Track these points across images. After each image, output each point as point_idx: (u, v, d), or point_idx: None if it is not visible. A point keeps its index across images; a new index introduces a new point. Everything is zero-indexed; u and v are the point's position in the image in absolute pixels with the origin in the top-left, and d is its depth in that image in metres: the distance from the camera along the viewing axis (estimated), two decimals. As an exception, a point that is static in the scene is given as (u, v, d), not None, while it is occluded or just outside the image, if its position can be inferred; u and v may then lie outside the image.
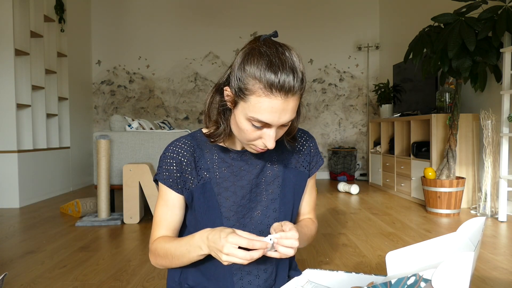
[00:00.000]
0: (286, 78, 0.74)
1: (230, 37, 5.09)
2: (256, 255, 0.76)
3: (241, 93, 0.78)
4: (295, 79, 0.75)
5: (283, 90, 0.75)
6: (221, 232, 0.78)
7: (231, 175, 0.94)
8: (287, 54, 0.77)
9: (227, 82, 0.84)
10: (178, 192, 0.93)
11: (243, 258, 0.75)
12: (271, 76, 0.74)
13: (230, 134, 0.91)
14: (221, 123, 0.88)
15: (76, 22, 4.59)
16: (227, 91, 0.83)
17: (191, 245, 0.85)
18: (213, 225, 0.90)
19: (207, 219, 0.92)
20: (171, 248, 0.90)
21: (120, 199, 3.30)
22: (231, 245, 0.75)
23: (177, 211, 0.96)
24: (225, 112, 0.88)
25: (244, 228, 0.93)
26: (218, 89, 0.88)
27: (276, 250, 0.80)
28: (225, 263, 0.77)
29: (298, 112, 0.89)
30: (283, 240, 0.79)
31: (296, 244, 0.79)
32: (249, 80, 0.76)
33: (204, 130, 0.97)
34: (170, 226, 0.96)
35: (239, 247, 0.76)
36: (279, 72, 0.74)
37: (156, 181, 0.97)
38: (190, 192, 0.93)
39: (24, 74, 3.49)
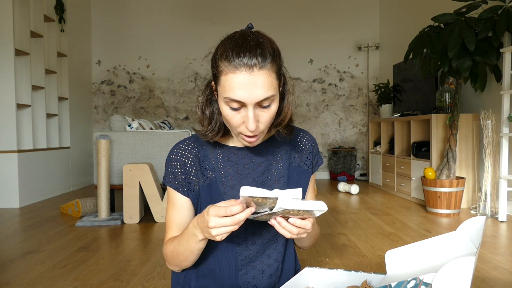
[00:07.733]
0: (249, 53, 0.76)
1: (230, 37, 5.08)
2: (242, 216, 0.73)
3: (215, 78, 0.81)
4: (259, 53, 0.77)
5: (247, 64, 0.76)
6: (204, 211, 0.78)
7: (236, 173, 0.94)
8: (254, 35, 0.80)
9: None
10: (183, 195, 0.94)
11: (231, 224, 0.73)
12: (234, 54, 0.76)
13: (224, 131, 0.92)
14: (213, 117, 0.90)
15: (76, 22, 4.59)
16: (213, 85, 0.86)
17: (188, 236, 0.86)
18: None
19: None
20: (175, 246, 0.91)
21: (120, 199, 3.30)
22: (213, 217, 0.74)
23: (186, 213, 0.96)
24: (213, 104, 0.91)
25: (252, 225, 0.93)
26: (208, 86, 0.92)
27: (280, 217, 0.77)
28: (218, 238, 0.75)
29: (282, 94, 0.87)
30: (296, 221, 0.76)
31: (308, 226, 0.77)
32: (218, 63, 0.79)
33: None
34: (180, 228, 0.97)
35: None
36: (242, 49, 0.76)
37: (164, 185, 0.98)
38: (195, 193, 0.94)
39: (24, 74, 3.49)
